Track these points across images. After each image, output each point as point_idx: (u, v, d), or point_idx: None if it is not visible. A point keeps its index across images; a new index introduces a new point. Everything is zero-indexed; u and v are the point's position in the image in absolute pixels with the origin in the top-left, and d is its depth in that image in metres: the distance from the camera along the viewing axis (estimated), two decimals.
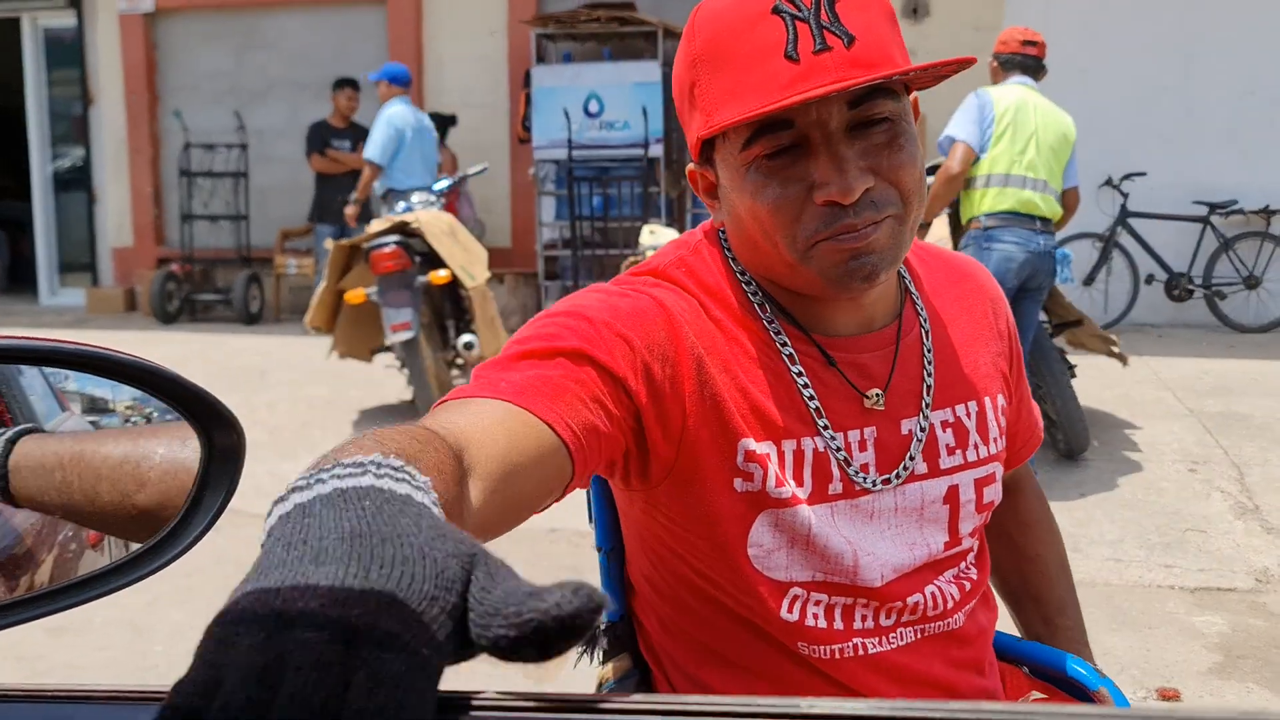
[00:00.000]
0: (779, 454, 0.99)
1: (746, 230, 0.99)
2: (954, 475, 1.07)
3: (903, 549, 1.03)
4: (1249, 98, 7.75)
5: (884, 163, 0.93)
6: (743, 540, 0.98)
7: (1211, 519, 4.01)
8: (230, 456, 0.69)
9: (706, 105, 0.96)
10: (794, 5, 0.91)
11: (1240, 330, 7.62)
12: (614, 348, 0.92)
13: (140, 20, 9.71)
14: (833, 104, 0.91)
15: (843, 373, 1.03)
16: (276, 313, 9.31)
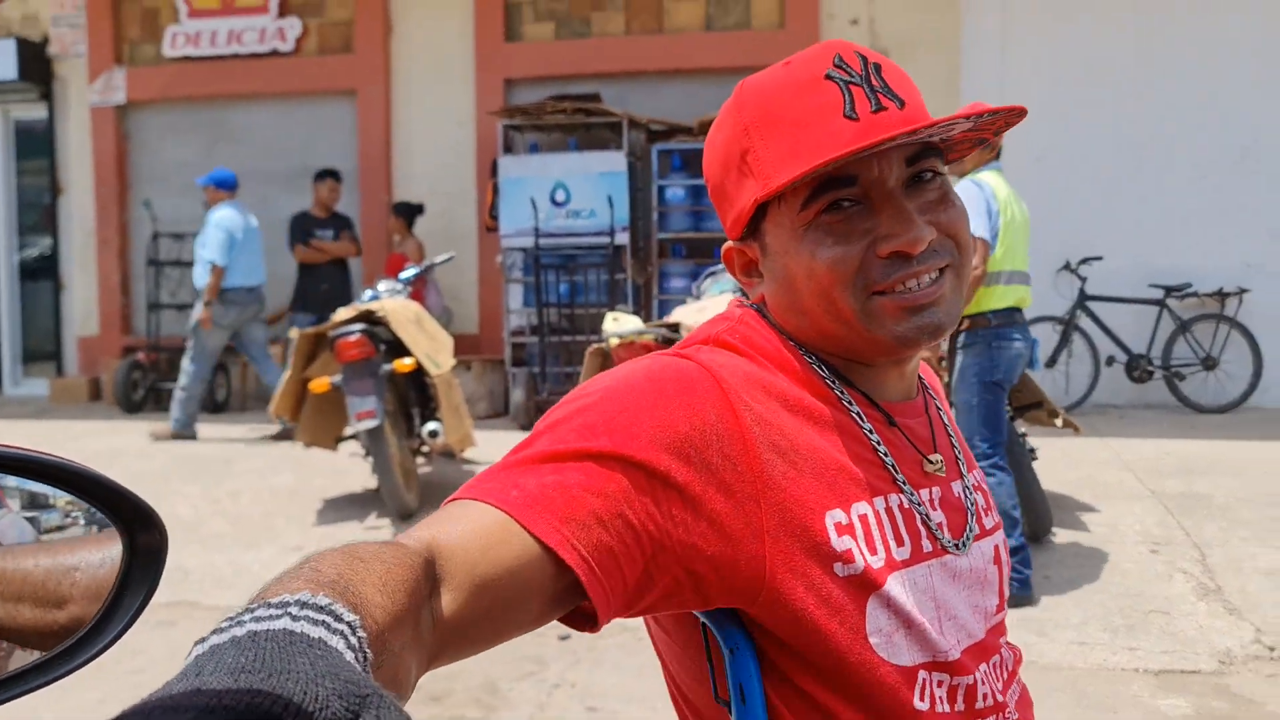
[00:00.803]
0: (874, 513, 0.95)
1: (800, 295, 0.98)
2: (994, 535, 1.08)
3: (976, 616, 1.01)
4: (1200, 182, 7.97)
5: (941, 217, 0.96)
6: (862, 630, 0.91)
7: (1174, 600, 4.02)
8: (152, 556, 0.69)
9: (764, 169, 0.96)
10: (845, 71, 0.94)
11: (1200, 410, 7.73)
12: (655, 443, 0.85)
13: (112, 113, 9.80)
14: (893, 160, 0.94)
15: (905, 434, 1.02)
16: (243, 400, 9.25)
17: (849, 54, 0.96)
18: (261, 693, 0.41)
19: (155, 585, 0.70)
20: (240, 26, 9.47)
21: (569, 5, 8.93)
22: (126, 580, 0.70)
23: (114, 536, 0.71)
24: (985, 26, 8.20)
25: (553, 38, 8.97)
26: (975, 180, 4.10)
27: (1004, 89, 7.94)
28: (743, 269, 1.06)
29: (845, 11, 8.43)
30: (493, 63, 8.99)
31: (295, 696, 0.41)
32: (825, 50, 0.97)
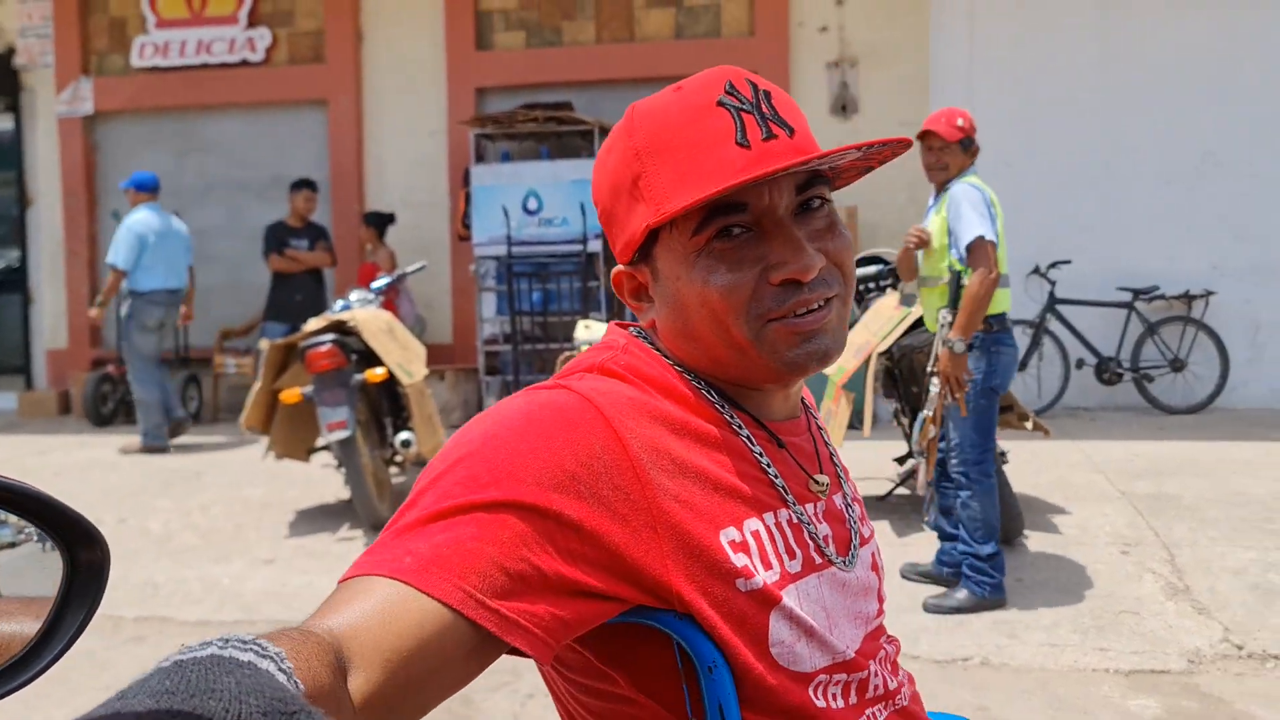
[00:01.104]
0: (765, 529, 0.97)
1: (691, 320, 0.98)
2: (870, 544, 1.12)
3: (858, 620, 1.04)
4: (1164, 187, 8.06)
5: (829, 245, 0.98)
6: (765, 642, 0.93)
7: (1144, 601, 4.05)
8: (94, 573, 0.69)
9: (655, 194, 0.96)
10: (736, 98, 0.95)
11: (1169, 412, 7.80)
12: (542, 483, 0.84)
13: (79, 123, 9.73)
14: (784, 188, 0.95)
15: (792, 454, 1.05)
16: (215, 413, 9.18)
17: (740, 81, 0.97)
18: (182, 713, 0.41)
19: (97, 603, 0.69)
20: (209, 37, 9.43)
21: (539, 14, 8.94)
22: (68, 598, 0.69)
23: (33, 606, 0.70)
24: (953, 33, 8.26)
25: (524, 46, 8.97)
26: (972, 183, 4.06)
27: (972, 94, 8.00)
28: (632, 293, 1.06)
29: (814, 19, 8.48)
30: (464, 72, 8.98)
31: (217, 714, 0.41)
32: (717, 76, 0.97)
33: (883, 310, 5.16)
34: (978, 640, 3.79)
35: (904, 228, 8.14)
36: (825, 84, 8.47)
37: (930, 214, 4.24)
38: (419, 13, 9.07)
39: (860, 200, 8.24)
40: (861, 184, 8.26)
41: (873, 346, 4.99)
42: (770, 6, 8.50)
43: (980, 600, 4.03)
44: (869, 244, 7.65)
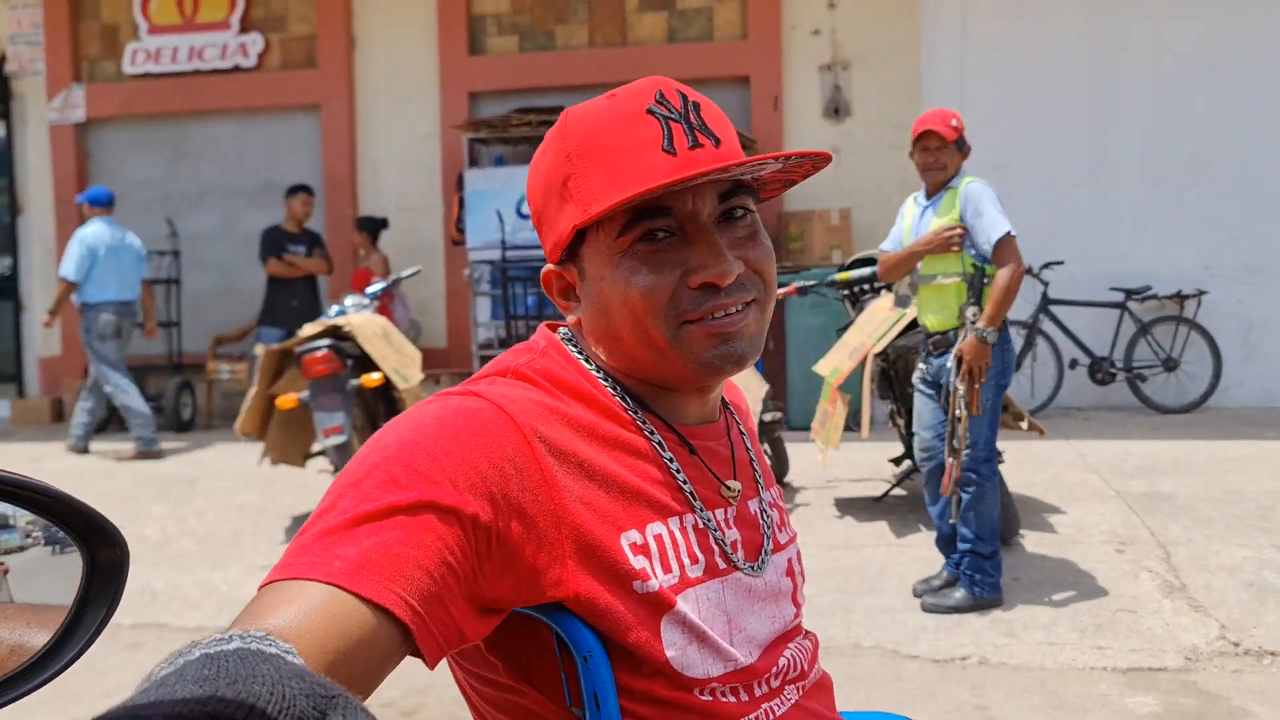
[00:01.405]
0: (669, 533, 0.99)
1: (613, 320, 1.02)
2: (787, 550, 1.14)
3: (767, 623, 1.06)
4: (1155, 187, 8.09)
5: (749, 253, 1.02)
6: (659, 644, 0.96)
7: (1141, 599, 4.06)
8: (113, 572, 0.69)
9: (584, 196, 0.99)
10: (666, 108, 0.98)
11: (1162, 411, 7.83)
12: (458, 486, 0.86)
13: (71, 130, 9.71)
14: (707, 195, 0.99)
15: (703, 460, 1.07)
16: (209, 419, 9.17)
17: (671, 91, 1.00)
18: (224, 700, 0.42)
19: (116, 602, 0.70)
20: (201, 43, 9.42)
21: (532, 18, 8.95)
22: (87, 597, 0.69)
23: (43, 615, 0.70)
24: (945, 36, 8.29)
25: (517, 50, 8.98)
26: (984, 182, 4.11)
27: (964, 97, 8.03)
28: (560, 292, 1.09)
29: (806, 22, 8.50)
30: (457, 76, 8.98)
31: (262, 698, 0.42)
32: (649, 86, 1.01)
33: (877, 311, 5.17)
34: (976, 639, 3.80)
35: None
36: (818, 87, 8.50)
37: (925, 214, 4.25)
38: (412, 17, 9.07)
39: (853, 202, 8.26)
40: (855, 185, 8.31)
41: (868, 348, 5.00)
42: (763, 10, 8.52)
43: (978, 599, 4.04)
44: (863, 245, 7.67)
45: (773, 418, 5.50)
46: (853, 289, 5.54)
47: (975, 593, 4.04)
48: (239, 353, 9.19)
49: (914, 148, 4.20)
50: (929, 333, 4.26)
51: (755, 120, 8.48)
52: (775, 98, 8.49)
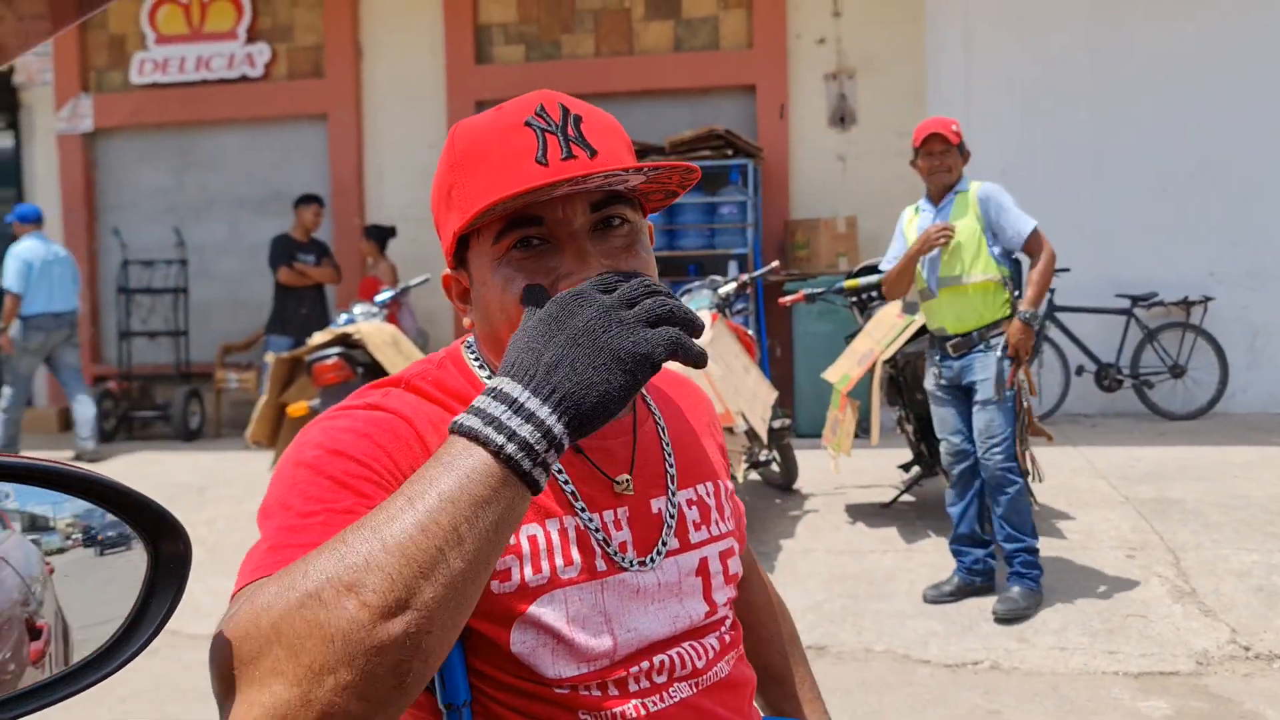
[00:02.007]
0: (545, 534, 1.03)
1: (495, 325, 1.06)
2: (703, 548, 1.14)
3: (665, 622, 1.08)
4: (1160, 194, 8.10)
5: (622, 263, 1.03)
6: (505, 640, 1.01)
7: (1151, 604, 4.07)
8: (177, 566, 0.71)
9: (463, 203, 1.03)
10: (544, 120, 1.02)
11: (1169, 418, 7.83)
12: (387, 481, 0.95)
13: (79, 140, 9.75)
14: (577, 205, 1.02)
15: (589, 458, 1.10)
16: (217, 428, 9.19)
17: (552, 104, 1.04)
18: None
19: (180, 593, 0.71)
20: (209, 53, 9.46)
21: (539, 28, 8.99)
22: (152, 589, 0.71)
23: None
24: (949, 42, 8.32)
25: (523, 60, 9.02)
26: (992, 183, 4.26)
27: (969, 104, 8.06)
28: (459, 296, 1.14)
29: (811, 31, 8.53)
30: (463, 85, 9.02)
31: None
32: (532, 99, 1.04)
33: (885, 318, 5.19)
34: (987, 644, 3.82)
35: None
36: (823, 95, 8.52)
37: (936, 220, 4.28)
38: (418, 26, 9.11)
39: (859, 209, 8.28)
40: (861, 193, 8.34)
41: (876, 355, 5.02)
42: (768, 19, 8.56)
43: (1035, 593, 4.09)
44: (869, 253, 7.69)
45: (781, 424, 5.52)
46: (860, 296, 5.56)
47: (1032, 587, 4.10)
48: (246, 361, 9.21)
49: (918, 154, 4.27)
50: (946, 336, 4.26)
51: (761, 129, 8.51)
52: (781, 106, 8.52)
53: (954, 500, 4.33)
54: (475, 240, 1.06)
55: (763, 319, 7.96)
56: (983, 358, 4.15)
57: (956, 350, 4.24)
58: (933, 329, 4.39)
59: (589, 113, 1.05)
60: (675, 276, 7.96)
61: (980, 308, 4.19)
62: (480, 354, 1.13)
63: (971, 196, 4.20)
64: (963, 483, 4.29)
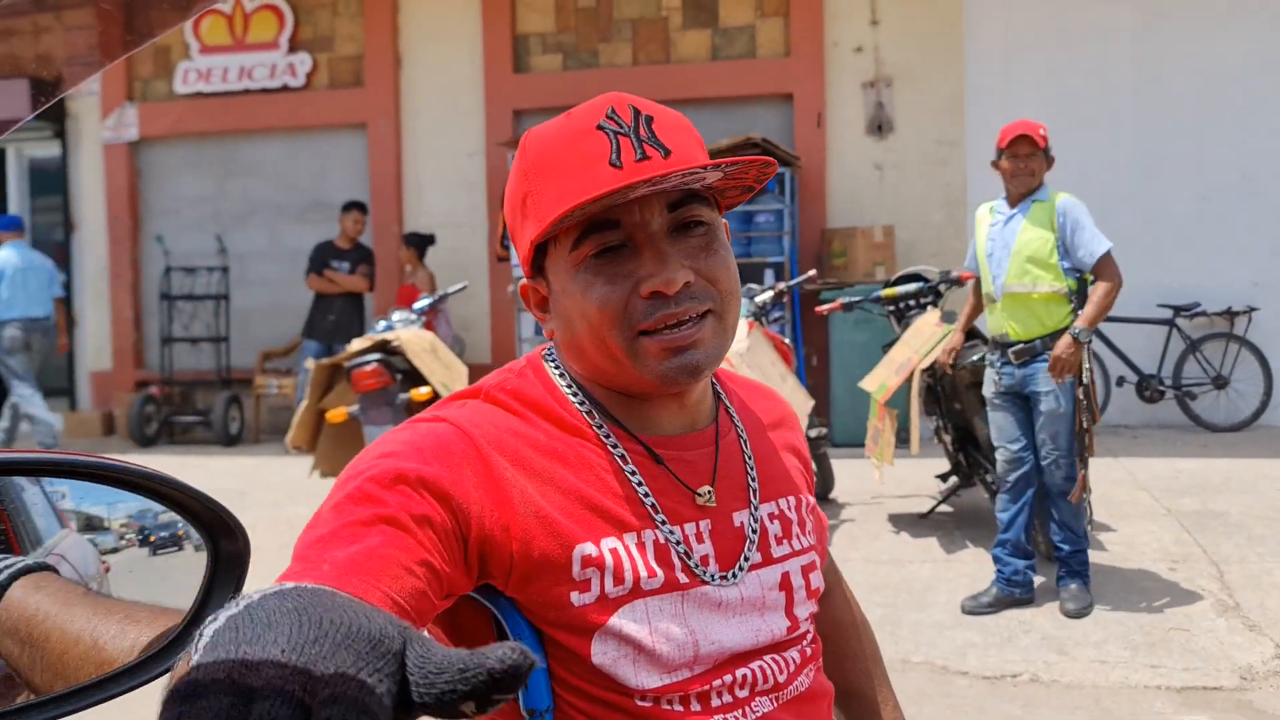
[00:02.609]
0: (624, 547, 1.02)
1: (576, 333, 1.05)
2: (785, 563, 1.12)
3: (747, 635, 1.06)
4: (1203, 203, 8.00)
5: (702, 263, 1.02)
6: (587, 651, 1.00)
7: (1194, 617, 4.02)
8: (235, 563, 0.72)
9: (538, 212, 1.02)
10: (616, 123, 1.01)
11: (1212, 430, 7.73)
12: (428, 498, 0.94)
13: (124, 149, 9.90)
14: (654, 206, 1.01)
15: (671, 470, 1.08)
16: (256, 434, 9.29)
17: (622, 107, 1.02)
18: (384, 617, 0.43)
19: (239, 591, 0.73)
20: (251, 63, 9.58)
21: (577, 37, 9.03)
22: (211, 587, 0.73)
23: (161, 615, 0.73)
24: (988, 51, 8.27)
25: (560, 69, 9.06)
26: (1074, 197, 4.26)
27: (1007, 113, 7.94)
28: (537, 305, 1.12)
29: (849, 39, 8.51)
30: (501, 94, 9.08)
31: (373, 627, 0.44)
32: (602, 103, 1.03)
33: (923, 328, 5.17)
34: (1026, 656, 3.78)
35: (941, 245, 8.16)
36: (861, 104, 8.50)
37: (1011, 222, 4.25)
38: (457, 36, 9.18)
39: (897, 218, 8.25)
40: (898, 202, 8.30)
41: (914, 364, 4.99)
42: (806, 27, 8.55)
43: (1091, 594, 4.14)
44: (906, 262, 7.65)
45: (817, 434, 5.50)
46: (898, 305, 5.54)
47: (1088, 585, 4.14)
48: (286, 368, 9.31)
49: (1001, 155, 4.24)
50: (1009, 342, 4.23)
51: (798, 137, 8.49)
52: (818, 115, 8.50)
53: (1005, 506, 4.29)
54: (553, 247, 1.05)
55: (799, 328, 7.94)
56: (1046, 368, 4.13)
57: (1019, 357, 4.20)
58: (994, 334, 4.35)
59: (660, 113, 1.04)
60: None
61: (1044, 316, 4.18)
62: (561, 362, 1.12)
63: (1052, 207, 4.20)
64: (1016, 490, 4.26)
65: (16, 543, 0.91)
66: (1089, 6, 8.18)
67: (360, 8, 9.42)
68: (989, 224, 4.37)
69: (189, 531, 0.83)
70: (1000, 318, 4.28)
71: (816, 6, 8.52)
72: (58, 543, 0.92)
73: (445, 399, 1.12)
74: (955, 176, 8.31)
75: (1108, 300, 4.08)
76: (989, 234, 4.34)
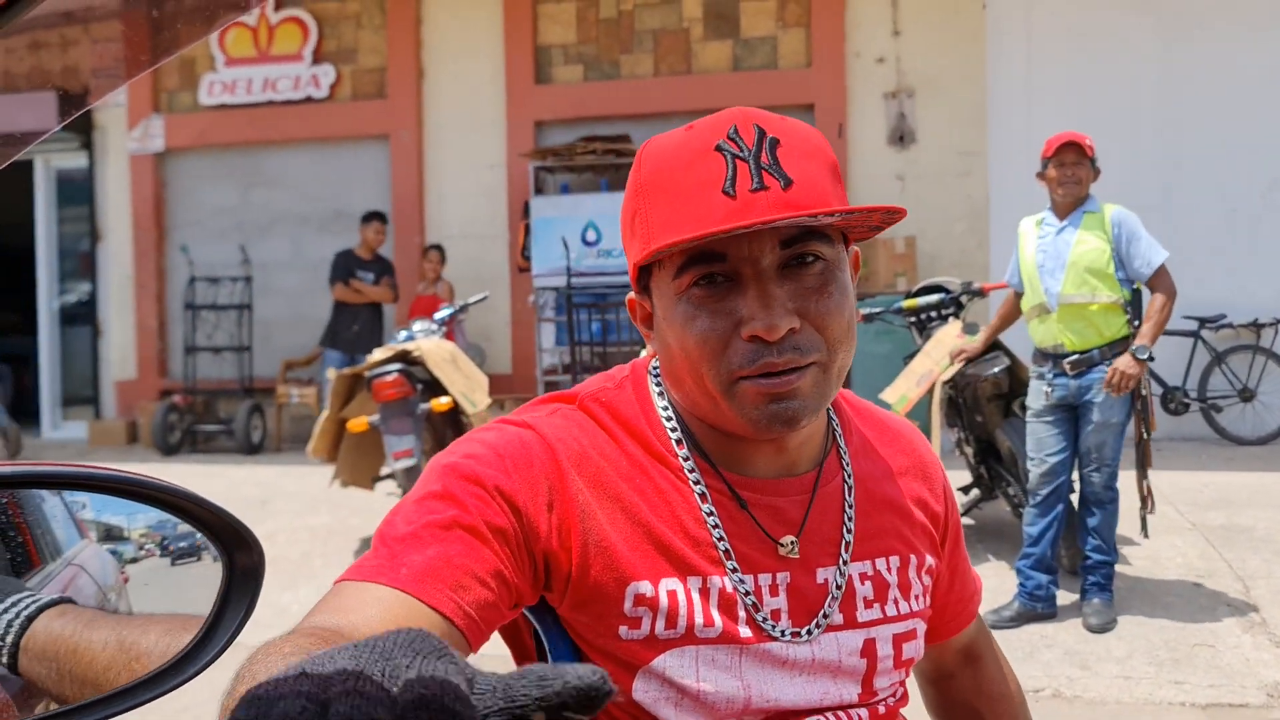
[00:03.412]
0: (684, 590, 0.98)
1: (675, 362, 0.99)
2: (871, 629, 1.04)
3: (811, 696, 1.00)
4: (1229, 214, 7.94)
5: (812, 307, 0.95)
6: (629, 684, 0.98)
7: (1219, 633, 3.97)
8: (250, 576, 0.72)
9: (646, 232, 0.97)
10: (736, 145, 0.94)
11: (1238, 443, 7.65)
12: (504, 509, 0.94)
13: (150, 160, 9.99)
14: (765, 241, 0.93)
15: (753, 515, 1.02)
16: (278, 443, 9.33)
17: (746, 126, 0.95)
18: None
19: (254, 604, 0.73)
20: (275, 74, 9.66)
21: (598, 48, 9.05)
22: (226, 598, 0.73)
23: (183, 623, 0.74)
24: (1010, 62, 8.24)
25: (582, 80, 9.09)
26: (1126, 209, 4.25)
27: (1030, 123, 7.96)
28: (643, 320, 1.07)
29: (871, 50, 8.50)
30: (523, 105, 9.11)
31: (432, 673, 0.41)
32: (726, 119, 0.96)
33: (945, 339, 5.14)
34: (1049, 672, 3.75)
35: (963, 256, 8.13)
36: (883, 114, 8.48)
37: (1062, 233, 4.21)
38: (479, 48, 9.23)
39: (918, 229, 8.22)
40: (920, 213, 8.26)
41: (936, 375, 4.97)
42: (827, 38, 8.55)
43: (1114, 609, 4.14)
44: (928, 273, 7.62)
45: None
46: (920, 316, 5.51)
47: (1111, 600, 4.12)
48: (308, 377, 9.35)
49: (1048, 164, 4.22)
50: (1064, 353, 4.19)
51: None
52: (840, 125, 8.49)
53: (1034, 519, 4.24)
54: (658, 269, 0.99)
55: None
56: (1103, 380, 4.10)
57: (1075, 368, 4.16)
58: (1045, 345, 4.29)
59: (788, 134, 0.96)
60: None
61: (1101, 326, 4.16)
62: (663, 382, 1.07)
63: (1105, 218, 4.18)
64: (1047, 503, 4.22)
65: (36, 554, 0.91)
66: (1112, 17, 8.14)
67: (383, 20, 9.49)
68: (1037, 236, 4.32)
69: (206, 542, 0.84)
70: (1055, 329, 4.22)
71: (838, 17, 8.51)
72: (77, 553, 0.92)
73: (539, 399, 1.09)
74: (977, 188, 8.28)
75: (1165, 315, 4.07)
76: (1038, 246, 4.29)
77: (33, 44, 9.15)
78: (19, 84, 9.17)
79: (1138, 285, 4.21)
